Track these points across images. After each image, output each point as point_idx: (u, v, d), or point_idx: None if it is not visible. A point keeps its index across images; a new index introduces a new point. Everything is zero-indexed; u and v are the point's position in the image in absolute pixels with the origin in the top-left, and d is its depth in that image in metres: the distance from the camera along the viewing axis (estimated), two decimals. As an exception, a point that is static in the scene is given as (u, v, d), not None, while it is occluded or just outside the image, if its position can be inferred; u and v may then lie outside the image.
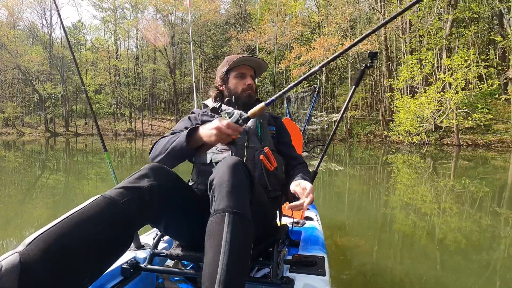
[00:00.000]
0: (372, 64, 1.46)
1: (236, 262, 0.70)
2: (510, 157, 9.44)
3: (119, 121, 28.80)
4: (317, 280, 0.91)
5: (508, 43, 11.20)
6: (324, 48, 16.73)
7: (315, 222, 1.59)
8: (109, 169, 1.70)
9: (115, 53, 29.46)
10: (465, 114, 12.24)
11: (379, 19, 16.76)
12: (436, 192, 4.42)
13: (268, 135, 1.19)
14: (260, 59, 1.24)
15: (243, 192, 0.80)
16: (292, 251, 1.18)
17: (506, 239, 2.42)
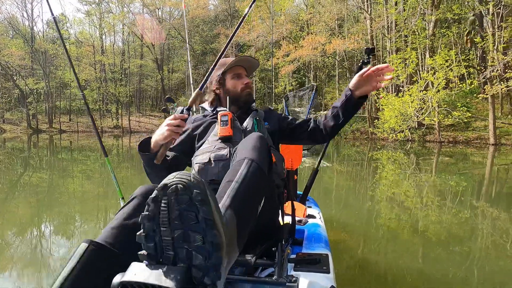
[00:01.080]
0: (369, 60, 1.47)
1: (247, 197, 0.73)
2: (487, 153, 9.87)
3: (105, 118, 28.17)
4: (322, 277, 0.91)
5: (487, 44, 11.62)
6: (312, 46, 16.87)
7: (318, 219, 1.59)
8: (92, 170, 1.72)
9: (101, 48, 28.72)
10: (445, 112, 12.68)
11: (366, 18, 17.03)
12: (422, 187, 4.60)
13: (265, 132, 1.20)
14: (253, 58, 1.28)
15: (263, 152, 0.84)
16: (295, 249, 1.17)
17: (483, 231, 2.58)
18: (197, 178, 0.56)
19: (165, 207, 0.54)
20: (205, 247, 0.55)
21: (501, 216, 2.99)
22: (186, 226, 0.55)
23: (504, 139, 12.40)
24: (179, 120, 0.94)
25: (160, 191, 0.54)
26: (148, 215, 0.56)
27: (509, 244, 2.22)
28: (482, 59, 14.05)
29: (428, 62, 12.23)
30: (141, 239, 0.58)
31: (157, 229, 0.56)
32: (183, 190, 0.53)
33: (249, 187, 0.74)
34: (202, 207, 0.53)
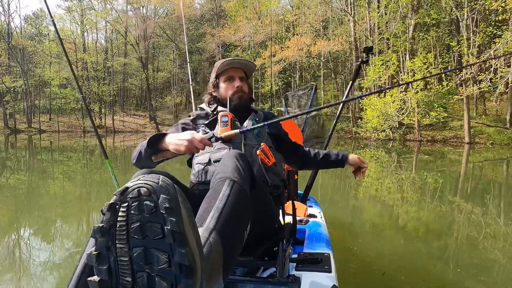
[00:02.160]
0: (368, 58, 1.53)
1: (232, 219, 0.66)
2: (463, 151, 10.35)
3: (87, 118, 27.41)
4: (324, 277, 0.91)
5: (462, 48, 12.18)
6: (297, 47, 17.11)
7: (319, 219, 1.59)
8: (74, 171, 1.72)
9: (82, 46, 27.93)
10: (424, 112, 13.21)
11: (349, 21, 17.43)
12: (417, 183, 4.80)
13: (266, 133, 1.20)
14: (246, 60, 1.26)
15: (244, 172, 0.79)
16: (297, 249, 1.17)
17: (459, 225, 2.73)
18: (167, 181, 0.45)
19: (123, 216, 0.43)
20: (171, 271, 0.44)
21: (475, 211, 3.18)
22: (148, 242, 0.43)
23: (478, 138, 13.06)
24: (202, 145, 0.88)
25: (119, 195, 0.44)
26: (101, 228, 0.44)
27: (482, 237, 2.38)
28: (458, 62, 14.72)
29: (407, 64, 12.71)
30: (91, 259, 0.46)
31: (112, 246, 0.45)
32: (147, 194, 0.43)
33: (233, 208, 0.67)
34: (170, 217, 0.42)
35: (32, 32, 29.14)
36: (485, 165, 7.17)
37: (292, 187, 1.96)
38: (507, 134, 12.57)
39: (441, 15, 14.02)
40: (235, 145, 1.10)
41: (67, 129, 25.95)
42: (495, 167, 6.92)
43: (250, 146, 1.11)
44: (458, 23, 13.24)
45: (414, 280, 1.67)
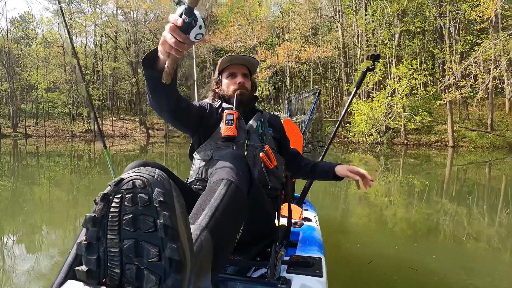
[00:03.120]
0: (374, 66, 1.53)
1: (225, 218, 0.65)
2: (447, 155, 10.68)
3: (76, 122, 26.97)
4: (314, 281, 0.90)
5: (444, 55, 12.66)
6: (287, 53, 17.38)
7: (313, 223, 1.58)
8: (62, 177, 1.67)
9: (71, 49, 27.56)
10: (409, 117, 13.61)
11: (338, 28, 17.84)
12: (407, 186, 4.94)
13: (269, 134, 1.19)
14: (249, 56, 1.23)
15: (242, 174, 0.78)
16: (290, 251, 1.16)
17: (444, 225, 2.83)
18: (162, 175, 0.45)
19: (116, 207, 0.43)
20: (161, 265, 0.43)
21: (458, 211, 3.32)
22: (139, 235, 0.43)
23: (461, 141, 13.52)
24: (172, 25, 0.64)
25: (114, 186, 0.44)
26: (93, 217, 0.44)
27: (465, 237, 2.50)
28: (443, 69, 15.26)
29: (393, 70, 13.10)
30: (81, 249, 0.45)
31: (103, 236, 0.44)
32: (142, 187, 0.42)
33: (228, 208, 0.67)
34: (163, 211, 0.42)
35: (19, 35, 28.59)
36: (468, 168, 7.42)
37: (290, 189, 1.90)
38: (489, 137, 13.06)
39: (425, 23, 14.56)
40: (239, 145, 1.09)
41: (54, 133, 25.43)
42: (478, 170, 7.16)
43: (253, 147, 1.10)
44: (442, 31, 13.76)
45: None
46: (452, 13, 12.76)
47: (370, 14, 14.69)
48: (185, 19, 0.63)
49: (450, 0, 12.87)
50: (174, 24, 0.63)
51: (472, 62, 10.63)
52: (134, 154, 10.99)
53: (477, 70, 10.58)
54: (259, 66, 1.16)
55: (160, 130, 27.83)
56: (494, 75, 10.52)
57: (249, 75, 1.24)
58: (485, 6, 9.54)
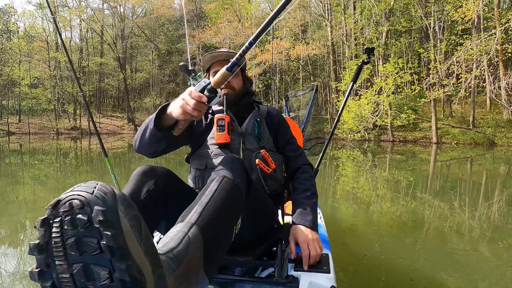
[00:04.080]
0: (369, 59, 1.52)
1: (217, 212, 0.66)
2: (431, 151, 11.03)
3: (61, 119, 26.30)
4: (322, 277, 0.90)
5: (429, 54, 13.02)
6: (277, 50, 17.45)
7: (318, 219, 1.54)
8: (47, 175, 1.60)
9: (55, 44, 26.78)
10: (395, 114, 13.98)
11: (327, 26, 18.03)
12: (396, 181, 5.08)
13: (267, 133, 1.12)
14: (231, 51, 1.12)
15: (238, 171, 0.78)
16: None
17: (428, 219, 2.94)
18: (104, 189, 0.42)
19: (57, 231, 0.40)
20: (114, 286, 0.41)
21: (441, 205, 3.45)
22: (87, 258, 0.41)
23: (444, 138, 13.98)
24: (195, 101, 0.73)
25: (51, 209, 0.41)
26: (37, 245, 0.41)
27: (446, 229, 2.62)
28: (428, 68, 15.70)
29: (380, 69, 13.40)
30: (34, 277, 0.43)
31: (52, 263, 0.42)
32: (80, 207, 0.39)
33: (220, 202, 0.67)
34: (106, 231, 0.39)
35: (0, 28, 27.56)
36: (451, 164, 7.68)
37: None
38: (470, 134, 13.56)
39: (411, 23, 14.92)
40: (234, 150, 1.05)
41: (38, 131, 24.75)
42: (460, 166, 7.41)
43: (249, 151, 1.05)
44: (427, 31, 14.14)
45: (415, 281, 1.65)
46: (436, 13, 13.12)
47: (358, 13, 14.92)
48: (209, 95, 0.74)
49: (434, 1, 13.23)
50: (199, 100, 0.73)
51: (455, 62, 11.00)
52: (122, 151, 10.85)
53: (459, 69, 10.97)
54: (248, 62, 1.13)
55: (149, 127, 27.50)
56: (475, 75, 10.93)
57: (239, 71, 1.14)
58: (466, 8, 9.90)
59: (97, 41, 28.75)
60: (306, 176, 1.11)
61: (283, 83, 23.75)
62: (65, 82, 25.83)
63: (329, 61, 19.19)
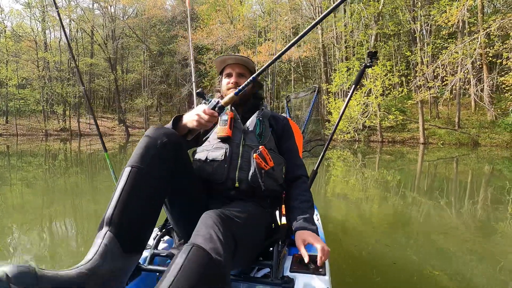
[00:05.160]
0: (371, 63, 1.51)
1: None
2: (419, 151, 11.33)
3: (50, 120, 25.83)
4: (318, 280, 0.90)
5: (416, 57, 13.39)
6: (269, 52, 17.61)
7: (316, 221, 1.63)
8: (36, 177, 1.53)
9: (44, 44, 26.32)
10: (383, 115, 14.32)
11: (318, 28, 18.30)
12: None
13: (268, 133, 1.15)
14: (242, 56, 1.22)
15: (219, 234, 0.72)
16: (292, 250, 1.14)
17: (416, 217, 3.06)
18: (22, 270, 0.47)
19: None
20: None
21: (428, 203, 3.59)
22: None
23: (431, 138, 14.38)
24: (208, 116, 0.91)
25: None
26: None
27: (431, 227, 2.73)
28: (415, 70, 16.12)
29: (369, 71, 13.70)
30: None
31: None
32: None
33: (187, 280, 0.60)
34: None
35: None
36: (438, 163, 7.90)
37: None
38: (456, 135, 13.99)
39: (399, 27, 15.30)
40: (234, 145, 1.07)
41: (26, 132, 24.26)
42: (447, 165, 7.64)
43: (249, 147, 1.07)
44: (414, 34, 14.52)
45: (414, 281, 1.68)
46: (423, 17, 13.51)
47: (348, 16, 15.21)
48: (220, 112, 0.94)
49: (421, 5, 13.63)
50: (211, 116, 0.91)
51: (440, 65, 11.36)
52: (113, 153, 10.78)
53: (444, 72, 11.34)
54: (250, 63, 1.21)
55: (141, 128, 27.27)
56: (460, 77, 11.31)
57: (248, 74, 1.22)
58: (450, 13, 10.27)
59: (87, 41, 28.38)
60: (306, 187, 1.14)
61: (275, 85, 23.94)
62: (54, 82, 25.39)
63: (320, 63, 19.47)
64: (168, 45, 26.75)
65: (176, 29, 24.54)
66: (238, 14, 21.43)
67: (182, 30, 23.72)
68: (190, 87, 23.91)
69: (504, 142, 12.67)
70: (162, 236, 1.07)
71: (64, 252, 2.11)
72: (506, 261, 1.99)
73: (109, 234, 0.73)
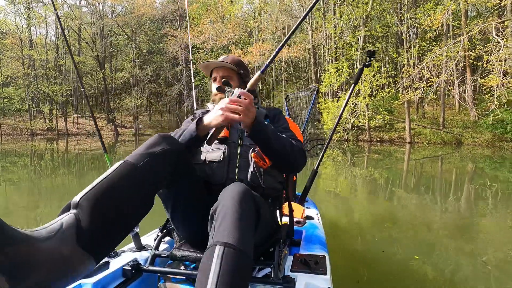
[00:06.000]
0: (370, 63, 1.50)
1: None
2: (405, 150, 11.63)
3: (36, 119, 25.20)
4: (319, 279, 0.90)
5: (402, 59, 13.75)
6: (259, 52, 17.71)
7: (316, 221, 1.58)
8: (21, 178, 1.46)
9: (29, 41, 25.64)
10: (371, 116, 14.65)
11: (308, 29, 18.51)
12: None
13: None
14: (223, 60, 1.19)
15: (247, 226, 0.72)
16: (293, 250, 1.15)
17: (401, 214, 3.17)
18: None
19: None
20: None
21: (413, 200, 3.74)
22: None
23: (417, 138, 14.80)
24: (235, 104, 0.87)
25: None
26: None
27: (416, 222, 2.86)
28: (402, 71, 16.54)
29: (357, 72, 14.03)
30: None
31: None
32: None
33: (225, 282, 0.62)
34: None
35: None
36: (424, 162, 8.15)
37: (291, 188, 1.80)
38: (440, 134, 14.43)
39: (386, 29, 15.66)
40: (232, 146, 1.07)
41: (11, 131, 23.61)
42: (432, 164, 7.90)
43: (247, 147, 1.06)
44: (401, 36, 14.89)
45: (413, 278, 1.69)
46: (409, 20, 13.88)
47: (338, 17, 15.46)
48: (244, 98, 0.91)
49: (407, 8, 14.00)
50: (239, 103, 0.88)
51: (425, 67, 11.72)
52: (101, 153, 10.61)
53: (429, 73, 11.70)
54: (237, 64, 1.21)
55: (130, 127, 26.94)
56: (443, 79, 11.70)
57: (234, 76, 1.21)
58: (434, 17, 10.63)
59: (74, 39, 27.80)
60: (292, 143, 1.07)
61: (266, 84, 24.05)
62: (40, 81, 24.78)
63: (310, 63, 19.70)
64: (158, 44, 26.50)
65: (166, 28, 24.33)
66: (229, 14, 21.44)
67: (173, 29, 23.54)
68: (181, 86, 23.76)
69: (486, 141, 13.15)
70: (163, 237, 1.05)
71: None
72: (484, 251, 2.15)
73: (71, 216, 0.63)
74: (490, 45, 10.54)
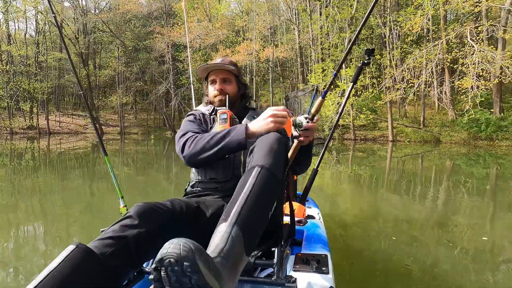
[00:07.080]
0: (369, 61, 1.52)
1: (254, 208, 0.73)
2: (388, 148, 12.05)
3: (15, 117, 24.29)
4: (321, 278, 0.91)
5: (385, 60, 14.22)
6: (247, 52, 17.79)
7: (317, 220, 1.59)
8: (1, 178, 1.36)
9: (7, 36, 24.65)
10: (355, 115, 15.08)
11: (294, 29, 18.76)
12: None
13: None
14: (221, 63, 1.22)
15: (279, 157, 0.83)
16: (295, 250, 1.16)
17: (384, 211, 3.27)
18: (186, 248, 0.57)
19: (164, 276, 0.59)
20: None
21: (394, 197, 3.90)
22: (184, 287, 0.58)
23: (399, 136, 15.37)
24: (284, 112, 0.95)
25: (158, 263, 0.58)
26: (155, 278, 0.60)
27: (399, 220, 2.91)
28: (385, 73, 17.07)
29: (342, 73, 14.36)
30: None
31: None
32: (175, 263, 0.57)
33: (258, 198, 0.75)
34: (194, 276, 0.57)
35: None
36: (406, 159, 8.49)
37: (291, 187, 1.83)
38: (420, 133, 15.04)
39: (369, 31, 16.10)
40: None
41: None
42: (413, 161, 8.23)
43: (249, 144, 1.05)
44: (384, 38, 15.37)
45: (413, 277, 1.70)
46: (392, 23, 14.36)
47: (324, 18, 15.76)
48: None
49: (389, 11, 14.47)
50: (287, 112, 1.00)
51: (406, 68, 12.20)
52: (85, 152, 10.42)
53: (409, 75, 12.18)
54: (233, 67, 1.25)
55: (115, 126, 26.43)
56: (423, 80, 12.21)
57: (233, 78, 1.26)
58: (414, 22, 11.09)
59: (55, 35, 26.93)
60: None
61: (253, 84, 24.18)
62: (19, 78, 23.88)
63: (297, 63, 19.96)
64: (144, 41, 26.08)
65: (153, 25, 23.99)
66: (216, 13, 21.39)
67: (159, 26, 23.24)
68: (167, 85, 23.49)
69: (462, 139, 13.80)
70: None
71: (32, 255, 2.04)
72: (460, 241, 2.34)
73: None
74: (465, 49, 11.09)
